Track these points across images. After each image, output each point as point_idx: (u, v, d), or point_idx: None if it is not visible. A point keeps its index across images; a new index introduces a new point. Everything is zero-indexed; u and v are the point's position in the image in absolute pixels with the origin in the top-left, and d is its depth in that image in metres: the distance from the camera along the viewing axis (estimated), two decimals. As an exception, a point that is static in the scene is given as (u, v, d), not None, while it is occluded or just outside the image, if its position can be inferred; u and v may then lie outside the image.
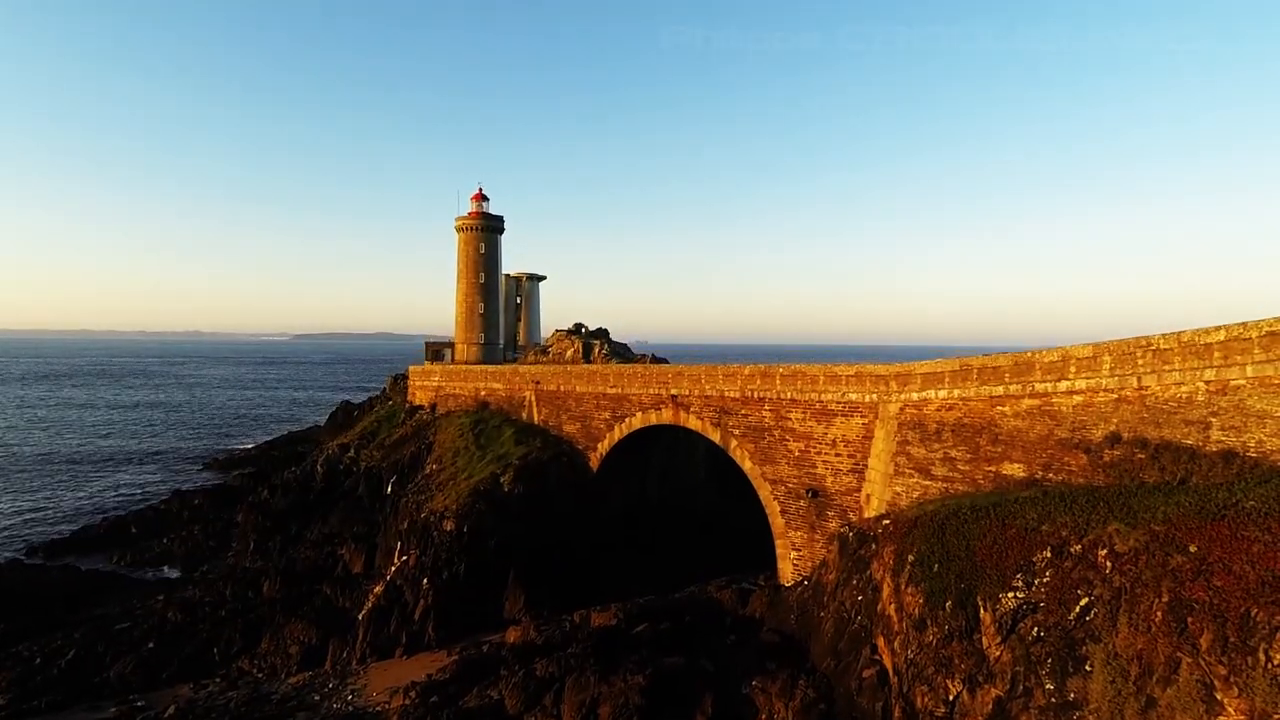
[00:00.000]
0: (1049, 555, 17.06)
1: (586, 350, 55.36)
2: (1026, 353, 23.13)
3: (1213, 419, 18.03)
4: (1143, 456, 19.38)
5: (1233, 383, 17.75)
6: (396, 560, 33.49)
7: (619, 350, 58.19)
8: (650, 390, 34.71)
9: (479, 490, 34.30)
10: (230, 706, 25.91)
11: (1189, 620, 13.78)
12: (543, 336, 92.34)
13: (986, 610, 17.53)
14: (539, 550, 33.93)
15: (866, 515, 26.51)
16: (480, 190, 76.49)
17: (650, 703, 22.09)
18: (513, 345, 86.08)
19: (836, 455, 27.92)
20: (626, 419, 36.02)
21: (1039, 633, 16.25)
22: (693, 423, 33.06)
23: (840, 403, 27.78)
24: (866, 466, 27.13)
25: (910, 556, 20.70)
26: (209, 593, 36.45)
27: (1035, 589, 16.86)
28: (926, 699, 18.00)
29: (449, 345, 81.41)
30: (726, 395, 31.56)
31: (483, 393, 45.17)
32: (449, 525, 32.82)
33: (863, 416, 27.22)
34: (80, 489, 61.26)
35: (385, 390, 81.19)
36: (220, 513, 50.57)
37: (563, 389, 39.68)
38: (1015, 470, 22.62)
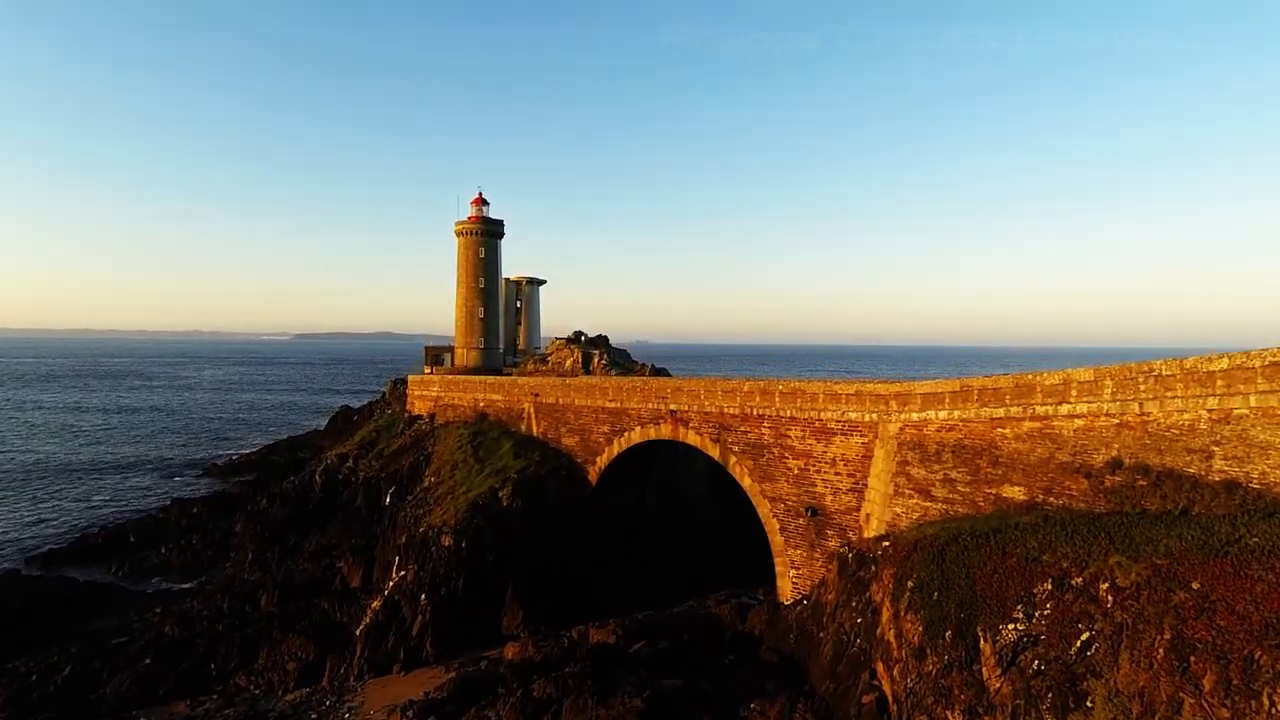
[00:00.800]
0: (1050, 587, 16.93)
1: (586, 360, 55.22)
2: (1027, 374, 22.98)
3: (1215, 448, 17.89)
4: (1144, 483, 19.24)
5: (1236, 412, 17.61)
6: (395, 575, 33.37)
7: (619, 360, 58.03)
8: (649, 405, 34.57)
9: (477, 505, 34.18)
10: (227, 725, 25.84)
11: (1192, 660, 13.65)
12: (543, 340, 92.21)
13: (987, 641, 17.41)
14: (537, 565, 33.81)
15: (866, 535, 26.38)
16: (480, 194, 76.36)
17: (648, 726, 22.00)
18: (513, 349, 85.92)
19: (836, 474, 27.78)
20: (625, 433, 35.89)
21: (1040, 666, 16.12)
22: (692, 438, 32.93)
23: (840, 421, 27.64)
24: (866, 486, 27.00)
25: (910, 582, 20.58)
26: (206, 606, 36.34)
27: (1036, 621, 16.73)
28: (926, 729, 17.89)
29: (449, 349, 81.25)
30: (726, 412, 31.42)
31: (481, 404, 45.05)
32: (447, 540, 32.69)
33: (862, 436, 27.08)
34: (79, 496, 61.15)
35: (385, 395, 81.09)
36: (219, 521, 50.44)
37: (561, 402, 39.55)
38: (1016, 493, 22.48)
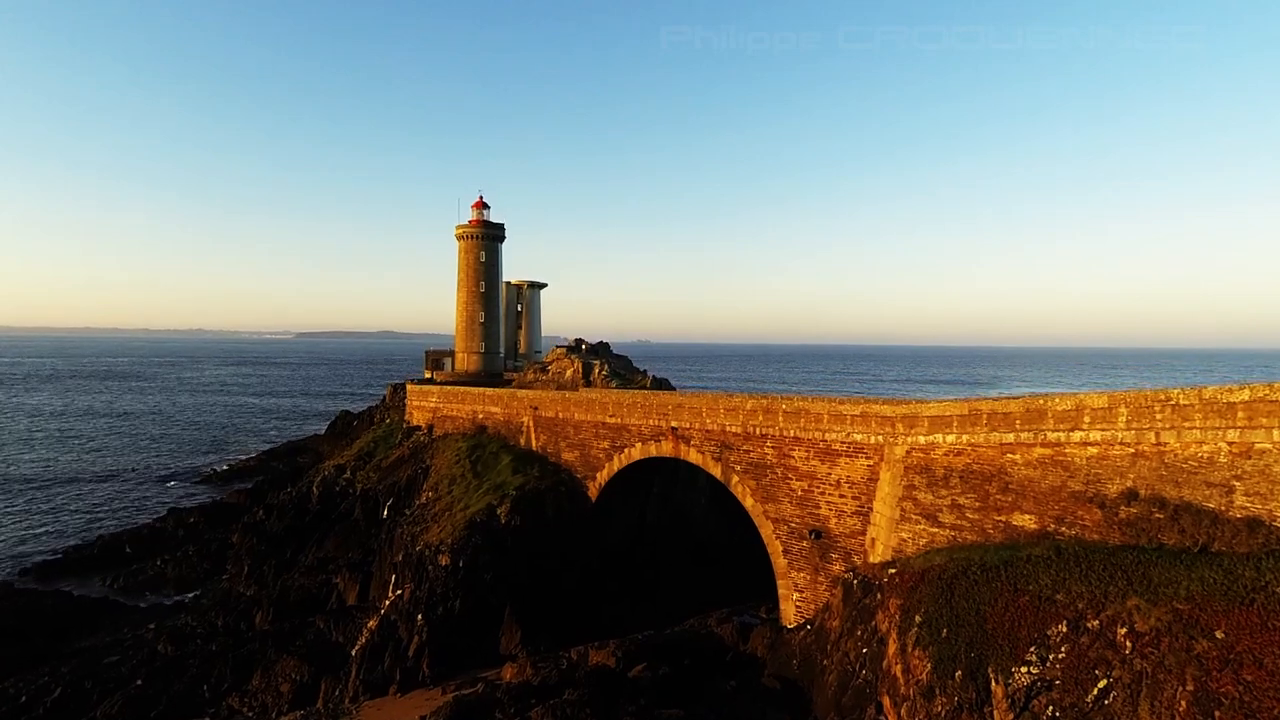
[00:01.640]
0: (1064, 629, 16.31)
1: (586, 370, 54.64)
2: (1038, 399, 22.33)
3: (1236, 483, 17.24)
4: (1161, 516, 18.60)
5: (1258, 445, 16.97)
6: (391, 594, 32.83)
7: (619, 371, 57.41)
8: (650, 421, 33.94)
9: (475, 523, 33.61)
10: (219, 751, 25.29)
11: (1216, 715, 13.04)
12: (544, 344, 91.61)
13: (998, 683, 16.79)
14: (536, 584, 33.24)
15: (871, 560, 25.76)
16: (481, 198, 75.80)
17: (648, 762, 21.39)
18: (513, 354, 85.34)
19: (840, 496, 27.15)
20: (626, 449, 35.27)
21: (1054, 712, 15.51)
22: (693, 456, 32.30)
23: (845, 443, 27.01)
24: (871, 509, 26.37)
25: (918, 616, 19.97)
26: (201, 622, 35.86)
27: (1050, 665, 16.11)
28: (935, 773, 17.29)
29: (449, 354, 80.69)
30: (728, 430, 30.80)
31: (480, 416, 44.45)
32: (444, 560, 32.13)
33: (868, 458, 26.44)
34: (76, 505, 60.71)
35: (385, 399, 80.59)
36: (216, 532, 49.97)
37: (561, 416, 38.94)
38: (1026, 521, 21.84)
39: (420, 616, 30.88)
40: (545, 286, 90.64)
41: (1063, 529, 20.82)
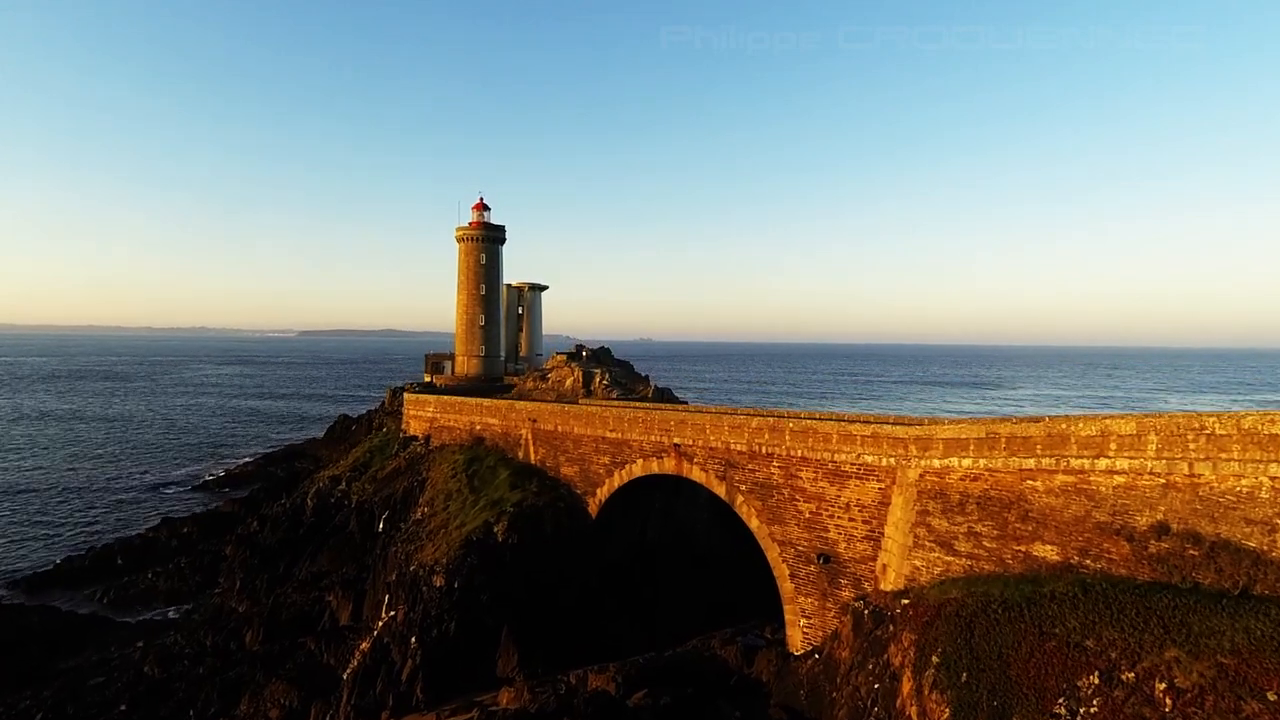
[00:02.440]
0: (1096, 681, 15.16)
1: (587, 379, 53.52)
2: (1060, 422, 21.17)
3: (1280, 521, 16.11)
4: (1196, 554, 17.45)
5: (1303, 482, 15.82)
6: (384, 615, 31.82)
7: (620, 380, 56.30)
8: (652, 438, 32.82)
9: (471, 541, 32.56)
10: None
11: (1269, 789, 11.92)
12: (545, 347, 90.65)
13: (1024, 737, 15.67)
14: (534, 604, 32.20)
15: (883, 587, 24.65)
16: (481, 200, 74.89)
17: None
18: (514, 357, 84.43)
19: (850, 520, 26.03)
20: (627, 465, 34.17)
21: (1086, 773, 14.40)
22: (696, 474, 31.19)
23: (855, 464, 25.88)
24: (883, 534, 25.25)
25: (935, 656, 18.83)
26: (189, 642, 34.92)
27: (1081, 720, 14.99)
28: (956, 832, 16.19)
29: (449, 357, 79.81)
30: (733, 448, 29.68)
31: (478, 427, 43.36)
32: (439, 580, 31.11)
33: (879, 481, 25.32)
34: (70, 514, 59.91)
35: (384, 403, 79.74)
36: (209, 543, 49.10)
37: (560, 429, 37.83)
38: (1048, 553, 20.69)
39: (414, 639, 29.87)
40: (546, 289, 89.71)
41: (1087, 562, 19.68)
